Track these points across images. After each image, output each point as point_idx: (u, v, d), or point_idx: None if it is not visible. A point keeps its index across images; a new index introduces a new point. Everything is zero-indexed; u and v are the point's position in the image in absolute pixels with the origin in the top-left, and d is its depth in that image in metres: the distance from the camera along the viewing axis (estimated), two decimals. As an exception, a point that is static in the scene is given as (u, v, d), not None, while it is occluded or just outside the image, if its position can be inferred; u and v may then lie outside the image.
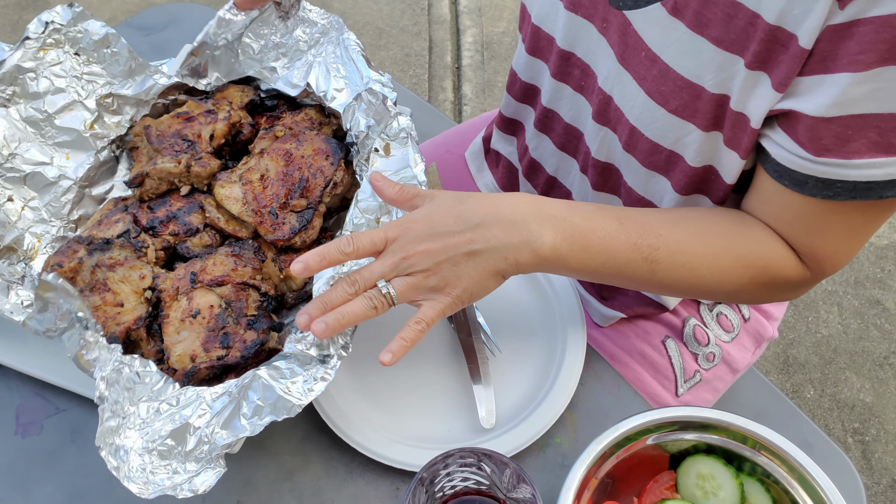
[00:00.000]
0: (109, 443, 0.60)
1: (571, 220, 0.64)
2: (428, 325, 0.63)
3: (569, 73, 0.79)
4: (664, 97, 0.66)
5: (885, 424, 1.68)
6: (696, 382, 0.91)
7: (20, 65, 0.78)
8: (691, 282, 0.67)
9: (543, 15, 0.79)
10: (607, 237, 0.64)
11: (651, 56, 0.66)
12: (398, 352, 0.62)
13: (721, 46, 0.61)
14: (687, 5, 0.61)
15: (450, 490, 0.65)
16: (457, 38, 2.52)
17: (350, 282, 0.62)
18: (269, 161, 0.79)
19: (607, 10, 0.69)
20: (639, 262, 0.65)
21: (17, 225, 0.76)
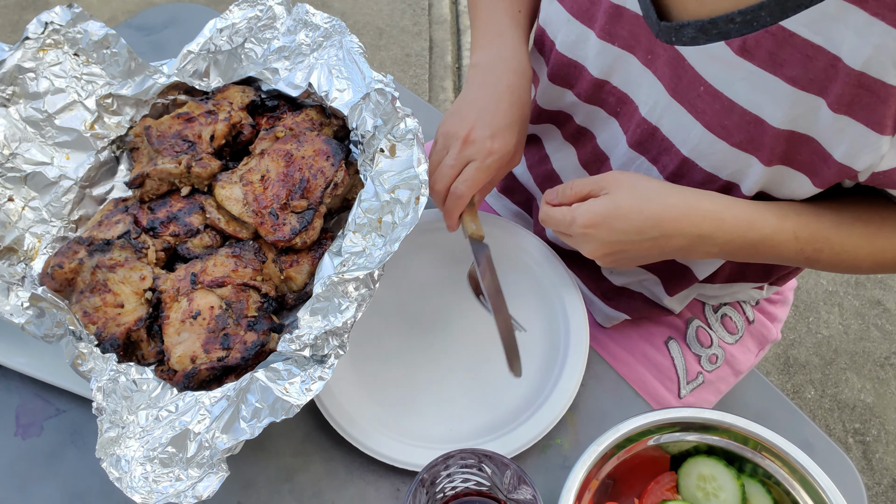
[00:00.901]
0: (110, 453, 0.60)
1: (746, 235, 0.67)
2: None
3: (603, 100, 0.78)
4: (727, 131, 0.65)
5: (885, 425, 1.68)
6: (699, 384, 0.91)
7: (20, 65, 0.78)
8: (845, 269, 0.70)
9: (572, 44, 0.76)
10: (776, 245, 0.68)
11: (712, 91, 0.64)
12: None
13: (797, 86, 0.59)
14: (759, 46, 0.59)
15: (450, 491, 0.65)
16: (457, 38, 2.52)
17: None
18: (270, 162, 0.79)
19: (653, 42, 0.67)
20: (800, 261, 0.70)
21: (18, 225, 0.76)
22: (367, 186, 0.72)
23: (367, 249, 0.69)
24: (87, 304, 0.71)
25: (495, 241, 0.86)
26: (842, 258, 0.68)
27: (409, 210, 0.69)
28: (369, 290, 0.65)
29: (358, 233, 0.70)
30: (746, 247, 0.67)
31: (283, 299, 0.76)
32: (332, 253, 0.71)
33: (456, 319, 0.82)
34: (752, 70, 0.60)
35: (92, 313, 0.71)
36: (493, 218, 0.87)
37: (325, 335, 0.63)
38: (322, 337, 0.63)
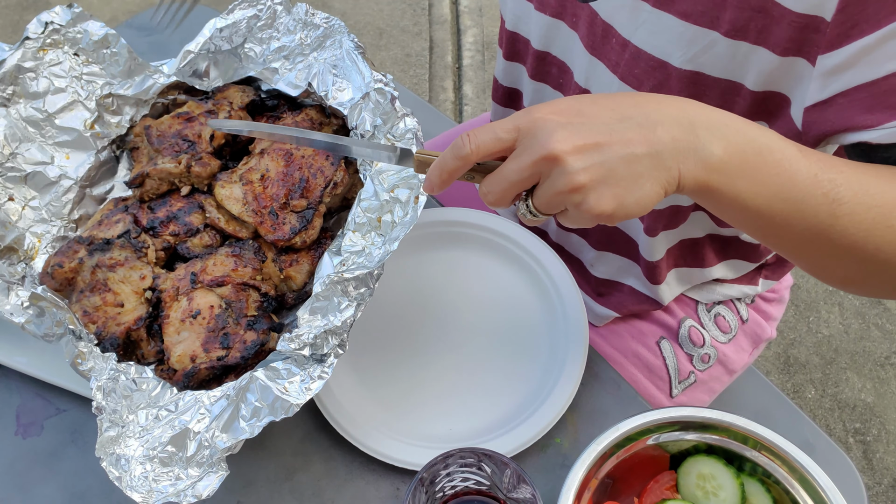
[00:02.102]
0: (110, 453, 0.60)
1: (746, 131, 0.52)
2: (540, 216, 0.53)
3: (547, 73, 0.80)
4: (638, 80, 0.66)
5: (886, 424, 1.68)
6: (691, 383, 0.91)
7: (20, 65, 0.78)
8: (879, 236, 0.53)
9: (516, 19, 0.79)
10: (784, 159, 0.52)
11: (622, 41, 0.66)
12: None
13: (689, 20, 0.59)
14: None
15: (450, 490, 0.65)
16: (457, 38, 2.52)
17: (485, 196, 0.53)
18: (270, 161, 0.79)
19: (574, 6, 0.70)
20: (819, 199, 0.52)
21: (18, 225, 0.76)
22: (367, 186, 0.72)
23: (367, 249, 0.69)
24: (87, 304, 0.71)
25: (494, 239, 0.86)
26: (866, 205, 0.52)
27: (409, 209, 0.69)
28: (369, 289, 0.65)
29: (357, 232, 0.70)
30: (753, 154, 0.51)
31: (283, 298, 0.76)
32: (331, 252, 0.71)
33: (456, 319, 0.82)
34: (650, 11, 0.61)
35: (92, 312, 0.71)
36: (491, 216, 0.87)
37: (324, 334, 0.63)
38: (322, 336, 0.63)
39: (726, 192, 0.51)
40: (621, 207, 0.50)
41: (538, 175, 0.50)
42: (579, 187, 0.49)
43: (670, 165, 0.50)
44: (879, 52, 0.52)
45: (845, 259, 0.55)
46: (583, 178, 0.48)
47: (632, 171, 0.49)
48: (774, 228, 0.54)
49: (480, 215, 0.86)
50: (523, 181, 0.50)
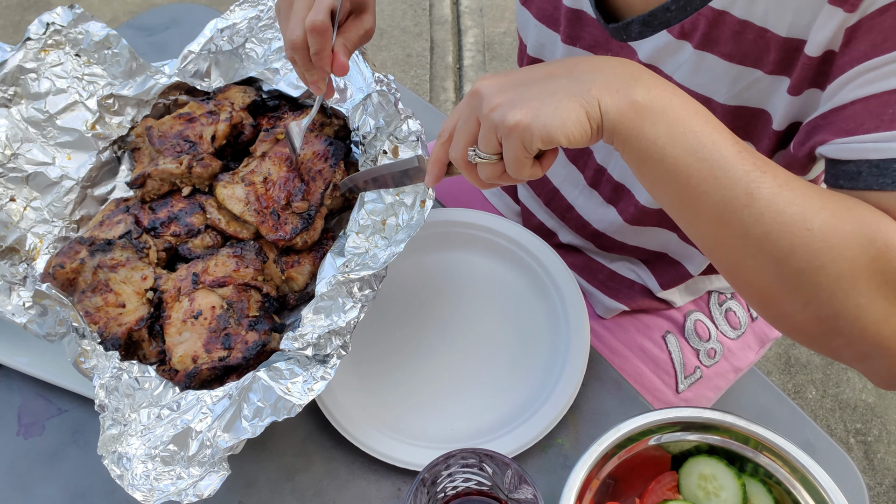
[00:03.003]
0: (112, 451, 0.60)
1: (677, 92, 0.53)
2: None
3: None
4: None
5: (887, 425, 1.68)
6: (697, 379, 0.91)
7: (22, 65, 0.79)
8: (795, 236, 0.50)
9: (539, 46, 0.80)
10: (709, 125, 0.52)
11: (664, 77, 0.66)
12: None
13: (733, 61, 0.63)
14: (695, 28, 0.63)
15: (451, 490, 0.65)
16: (458, 38, 2.52)
17: (453, 161, 0.59)
18: (271, 165, 0.79)
19: (610, 42, 0.71)
20: (738, 172, 0.50)
21: (20, 225, 0.76)
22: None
23: (370, 250, 0.69)
24: (89, 304, 0.71)
25: (496, 240, 0.86)
26: (787, 198, 0.50)
27: (415, 213, 0.69)
28: (373, 290, 0.65)
29: (361, 234, 0.70)
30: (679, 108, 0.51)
31: (285, 299, 0.76)
32: (334, 253, 0.71)
33: (457, 320, 0.82)
34: (692, 51, 0.64)
35: (93, 313, 0.71)
36: (493, 217, 0.87)
37: (328, 335, 0.63)
38: (325, 336, 0.63)
39: (646, 134, 0.51)
40: (537, 118, 0.51)
41: (474, 115, 0.55)
42: (497, 105, 0.53)
43: (589, 89, 0.51)
44: (852, 84, 0.55)
45: (759, 256, 0.52)
46: (500, 98, 0.53)
47: (547, 88, 0.52)
48: (689, 196, 0.52)
49: (482, 216, 0.86)
50: (465, 124, 0.56)
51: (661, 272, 0.89)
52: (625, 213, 0.83)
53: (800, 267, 0.51)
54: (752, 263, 0.54)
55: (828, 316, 0.52)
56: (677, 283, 0.88)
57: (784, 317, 0.57)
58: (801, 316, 0.54)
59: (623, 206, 0.83)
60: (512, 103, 0.52)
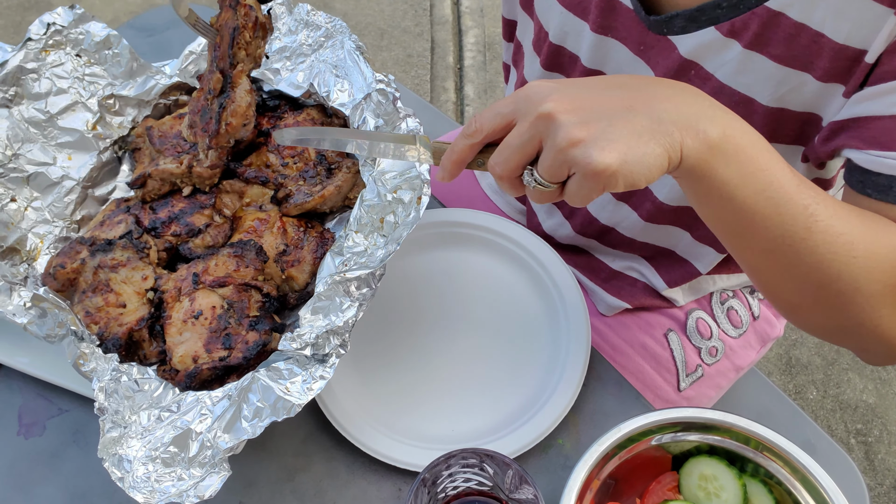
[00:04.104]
0: (112, 453, 0.60)
1: (740, 125, 0.53)
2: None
3: None
4: None
5: (888, 425, 1.68)
6: (699, 377, 0.91)
7: (22, 66, 0.79)
8: (843, 263, 0.54)
9: (563, 34, 0.77)
10: (773, 161, 0.53)
11: (702, 74, 0.66)
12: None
13: (782, 63, 0.62)
14: (746, 28, 0.61)
15: (452, 491, 0.65)
16: (459, 38, 2.52)
17: (492, 168, 0.53)
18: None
19: (644, 34, 0.69)
20: (798, 208, 0.53)
21: (20, 226, 0.76)
22: (369, 187, 0.72)
23: (369, 249, 0.69)
24: (90, 304, 0.71)
25: (496, 240, 0.86)
26: (838, 230, 0.54)
27: (412, 210, 0.69)
28: (371, 289, 0.65)
29: (360, 233, 0.70)
30: (747, 146, 0.52)
31: (285, 299, 0.76)
32: (333, 252, 0.71)
33: (457, 320, 0.82)
34: (740, 51, 0.63)
35: (94, 313, 0.71)
36: (494, 217, 0.87)
37: (326, 334, 0.63)
38: (323, 336, 0.63)
39: (719, 175, 0.51)
40: (625, 164, 0.48)
41: (538, 138, 0.50)
42: (578, 141, 0.48)
43: (672, 131, 0.49)
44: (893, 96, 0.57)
45: (803, 281, 0.57)
46: (581, 133, 0.48)
47: (631, 127, 0.49)
48: (750, 229, 0.55)
49: (482, 216, 0.86)
50: (524, 146, 0.51)
51: (667, 270, 0.89)
52: (640, 210, 0.82)
53: (840, 289, 0.56)
54: (794, 286, 0.58)
55: (852, 325, 0.59)
56: (684, 280, 0.88)
57: (808, 322, 0.62)
58: (827, 323, 0.61)
59: (637, 202, 0.82)
60: (596, 142, 0.48)
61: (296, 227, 0.78)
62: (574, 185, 0.51)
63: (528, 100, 0.51)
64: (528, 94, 0.51)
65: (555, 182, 0.51)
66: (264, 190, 0.82)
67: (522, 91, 0.52)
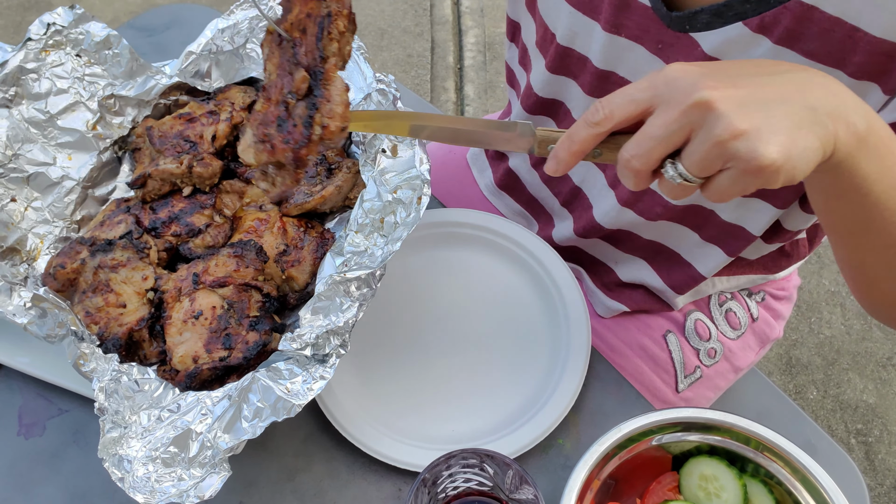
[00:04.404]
0: (112, 454, 0.60)
1: (878, 115, 0.51)
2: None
3: (607, 91, 0.74)
4: None
5: (888, 425, 1.68)
6: (697, 378, 0.91)
7: (22, 66, 0.79)
8: None
9: (572, 35, 0.75)
10: None
11: None
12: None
13: (814, 59, 0.59)
14: (776, 23, 0.59)
15: (452, 491, 0.65)
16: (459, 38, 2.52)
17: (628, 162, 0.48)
18: (269, 64, 0.57)
19: (662, 32, 0.67)
20: None
21: (20, 226, 0.76)
22: (370, 187, 0.72)
23: (370, 249, 0.69)
24: (90, 305, 0.71)
25: (496, 240, 0.86)
26: None
27: (412, 210, 0.69)
28: (371, 289, 0.65)
29: (360, 233, 0.70)
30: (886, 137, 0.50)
31: (285, 299, 0.76)
32: (333, 252, 0.71)
33: (458, 320, 0.82)
34: (769, 47, 0.60)
35: (94, 313, 0.71)
36: (494, 217, 0.87)
37: (326, 334, 0.63)
38: (323, 336, 0.63)
39: (861, 169, 0.49)
40: (789, 159, 0.44)
41: (688, 128, 0.46)
42: (740, 133, 0.44)
43: (826, 123, 0.46)
44: None
45: None
46: (744, 124, 0.44)
47: (792, 119, 0.45)
48: (876, 225, 0.53)
49: (482, 216, 0.86)
50: (671, 136, 0.46)
51: (668, 272, 0.87)
52: (648, 214, 0.80)
53: None
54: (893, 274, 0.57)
55: None
56: (687, 285, 0.86)
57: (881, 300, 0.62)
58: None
59: (646, 207, 0.80)
60: (760, 134, 0.44)
61: (296, 228, 0.78)
62: (726, 181, 0.47)
63: (673, 85, 0.46)
64: (674, 78, 0.46)
65: (703, 176, 0.47)
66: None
67: (661, 75, 0.47)
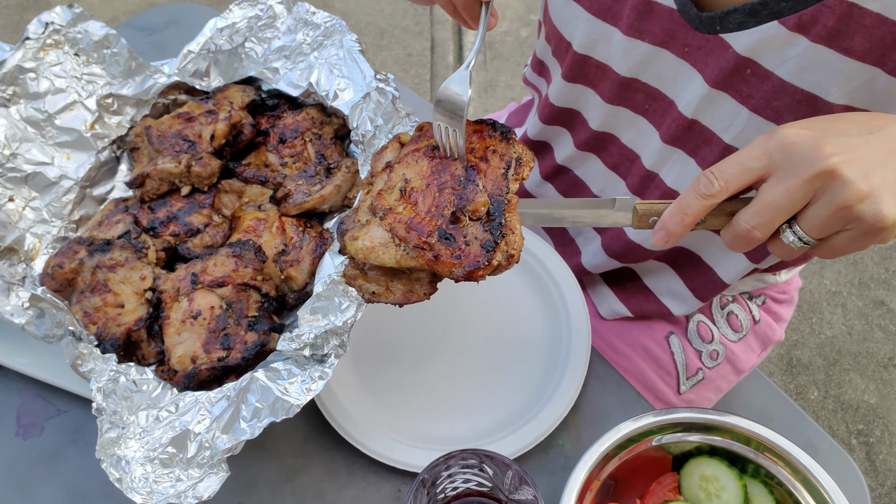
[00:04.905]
0: (110, 454, 0.60)
1: None
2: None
3: (629, 98, 0.75)
4: (777, 113, 0.64)
5: (889, 426, 1.67)
6: (699, 381, 0.91)
7: (21, 65, 0.78)
8: None
9: (591, 42, 0.73)
10: None
11: (761, 73, 0.63)
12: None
13: (853, 56, 0.59)
14: (815, 21, 0.58)
15: (451, 491, 0.65)
16: (459, 37, 2.52)
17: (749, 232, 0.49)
18: (406, 168, 0.56)
19: (690, 35, 0.66)
20: None
21: (19, 225, 0.76)
22: (368, 186, 0.72)
23: (368, 249, 0.69)
24: (88, 305, 0.71)
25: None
26: None
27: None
28: (370, 289, 0.65)
29: (359, 232, 0.70)
30: None
31: (284, 299, 0.76)
32: (332, 252, 0.70)
33: (457, 320, 0.82)
34: (807, 46, 0.59)
35: (92, 313, 0.70)
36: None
37: (325, 334, 0.63)
38: (322, 336, 0.62)
39: None
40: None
41: (810, 195, 0.47)
42: (865, 196, 0.46)
43: None
44: None
45: None
46: (865, 187, 0.46)
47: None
48: None
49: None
50: (793, 205, 0.48)
51: (691, 277, 0.86)
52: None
53: None
54: None
55: None
56: (713, 292, 0.84)
57: None
58: None
59: None
60: (881, 196, 0.46)
61: (295, 227, 0.77)
62: (845, 240, 0.49)
63: (791, 152, 0.48)
64: (790, 144, 0.48)
65: (821, 238, 0.49)
66: (263, 189, 0.82)
67: (774, 141, 0.48)
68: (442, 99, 0.55)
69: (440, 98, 0.55)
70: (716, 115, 0.68)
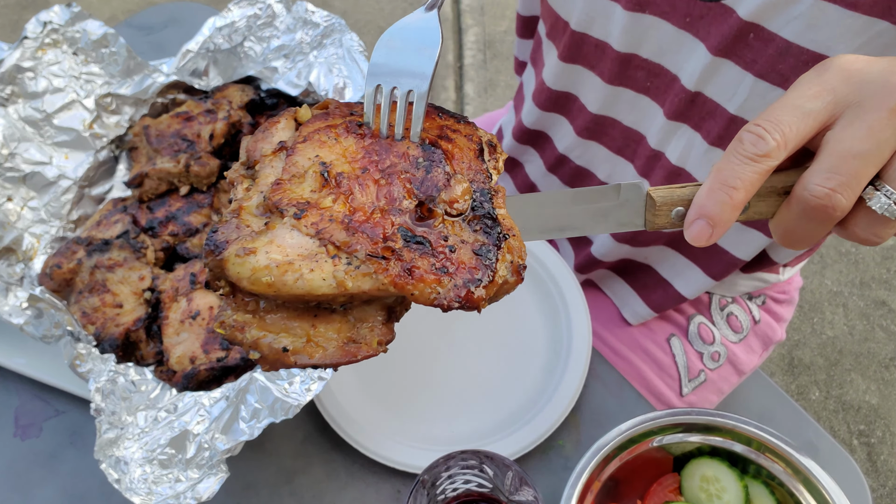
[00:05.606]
0: (109, 455, 0.59)
1: None
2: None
3: (629, 77, 0.74)
4: (783, 77, 0.62)
5: (890, 426, 1.67)
6: (701, 382, 0.91)
7: (19, 64, 0.78)
8: None
9: (589, 20, 0.72)
10: None
11: (765, 37, 0.61)
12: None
13: (859, 11, 0.56)
14: None
15: (452, 493, 0.65)
16: (459, 36, 2.51)
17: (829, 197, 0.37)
18: (318, 149, 0.40)
19: (691, 4, 0.65)
20: None
21: (17, 225, 0.76)
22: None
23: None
24: (86, 305, 0.71)
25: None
26: None
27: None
28: (369, 290, 0.65)
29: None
30: None
31: (283, 299, 0.75)
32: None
33: (457, 320, 0.82)
34: (811, 3, 0.57)
35: (91, 313, 0.70)
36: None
37: None
38: (321, 337, 0.62)
39: None
40: None
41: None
42: None
43: None
44: None
45: None
46: None
47: None
48: None
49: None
50: (881, 149, 0.37)
51: (705, 258, 0.84)
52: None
53: None
54: None
55: None
56: (726, 271, 0.81)
57: None
58: None
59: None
60: None
61: None
62: None
63: (864, 81, 0.38)
64: (856, 72, 0.38)
65: None
66: None
67: (833, 74, 0.39)
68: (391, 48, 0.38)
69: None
70: (719, 85, 0.67)
